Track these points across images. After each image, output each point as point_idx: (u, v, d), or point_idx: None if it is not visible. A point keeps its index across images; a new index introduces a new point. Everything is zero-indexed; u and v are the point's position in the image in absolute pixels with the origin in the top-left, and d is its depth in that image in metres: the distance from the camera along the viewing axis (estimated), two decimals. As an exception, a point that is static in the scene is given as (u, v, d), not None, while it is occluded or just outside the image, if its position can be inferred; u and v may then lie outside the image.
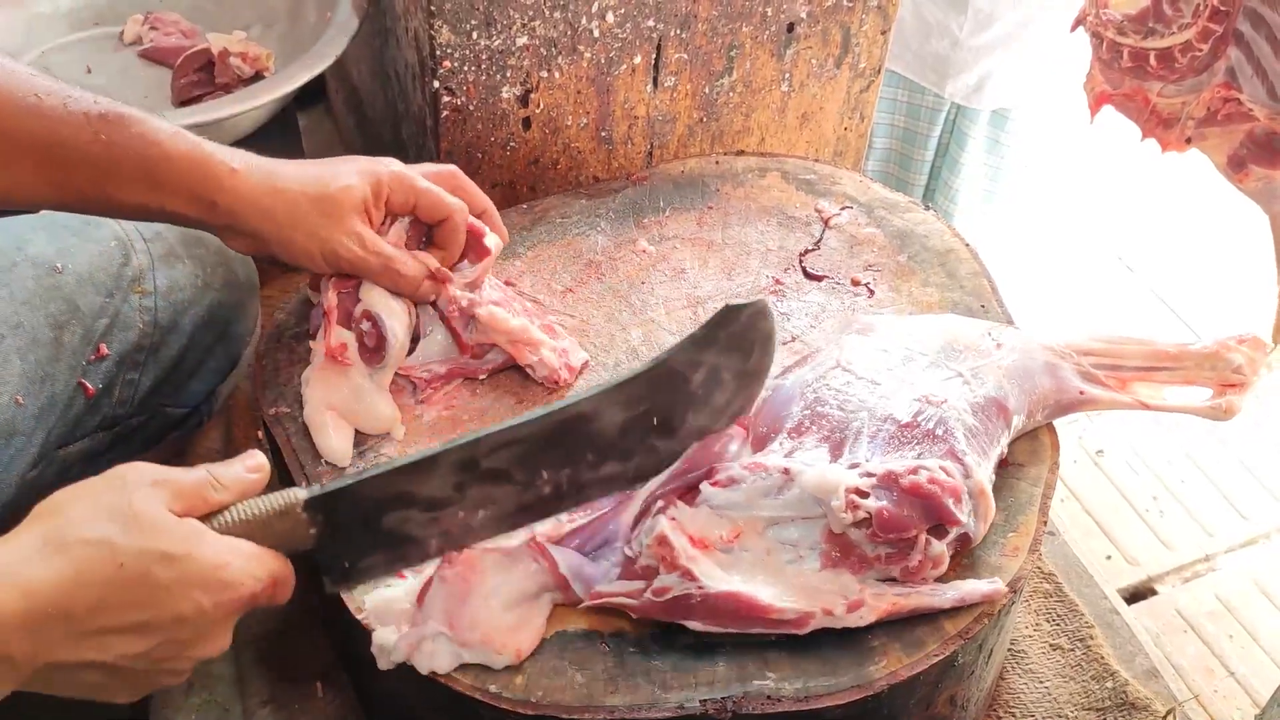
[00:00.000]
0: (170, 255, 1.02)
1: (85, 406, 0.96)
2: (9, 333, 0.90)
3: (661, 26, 1.16)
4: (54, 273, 0.94)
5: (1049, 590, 1.09)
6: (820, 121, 1.33)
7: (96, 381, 0.96)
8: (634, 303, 1.06)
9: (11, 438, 0.89)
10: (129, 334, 0.98)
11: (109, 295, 0.97)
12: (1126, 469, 1.87)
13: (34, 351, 0.91)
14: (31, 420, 0.91)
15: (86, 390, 0.95)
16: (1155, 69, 1.07)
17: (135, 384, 0.99)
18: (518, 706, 0.77)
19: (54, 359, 0.92)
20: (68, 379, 0.94)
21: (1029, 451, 0.93)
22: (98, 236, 0.99)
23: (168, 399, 1.04)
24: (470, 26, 1.09)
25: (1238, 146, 1.07)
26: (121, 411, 0.99)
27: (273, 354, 1.00)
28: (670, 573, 0.79)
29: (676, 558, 0.79)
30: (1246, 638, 1.64)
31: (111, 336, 0.96)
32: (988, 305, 1.06)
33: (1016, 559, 0.86)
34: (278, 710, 0.97)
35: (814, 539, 0.82)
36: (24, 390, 0.90)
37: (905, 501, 0.80)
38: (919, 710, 0.85)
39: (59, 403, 0.93)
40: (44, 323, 0.92)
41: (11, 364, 0.90)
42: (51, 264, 0.95)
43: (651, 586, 0.79)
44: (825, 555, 0.81)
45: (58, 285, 0.94)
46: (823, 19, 1.23)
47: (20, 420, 0.90)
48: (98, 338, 0.95)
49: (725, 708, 0.77)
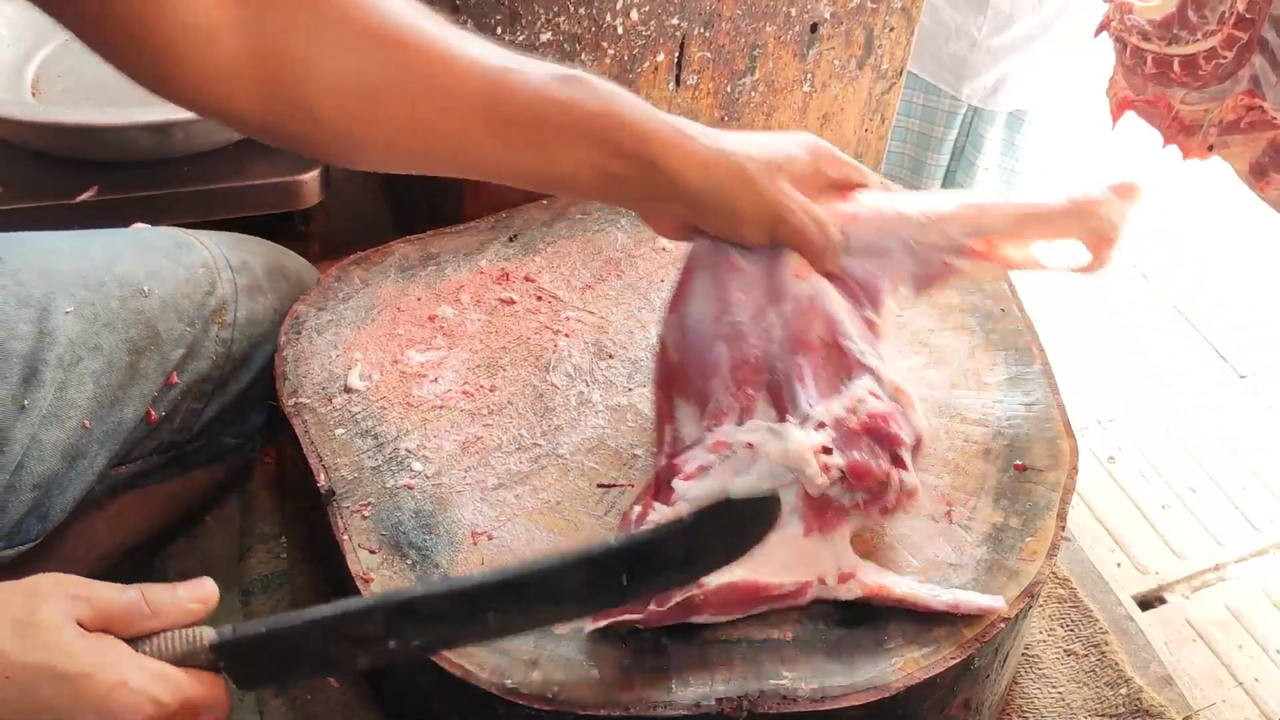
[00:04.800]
0: (253, 288, 1.01)
1: (145, 431, 0.94)
2: (87, 355, 0.89)
3: (685, 25, 1.16)
4: (140, 295, 0.93)
5: (1064, 596, 1.09)
6: (841, 122, 1.33)
7: (161, 409, 0.94)
8: (653, 300, 1.06)
9: (76, 461, 0.88)
10: (201, 365, 0.96)
11: (190, 324, 0.95)
12: (1138, 476, 1.87)
13: (109, 376, 0.90)
14: (96, 444, 0.90)
15: (149, 417, 0.94)
16: (1179, 76, 1.06)
17: (199, 413, 0.98)
18: (534, 702, 0.77)
19: (127, 384, 0.91)
20: (138, 406, 0.92)
21: (1048, 456, 0.93)
22: (187, 262, 0.97)
23: (227, 429, 1.03)
24: (495, 22, 1.09)
25: (1260, 155, 1.07)
26: (180, 438, 0.98)
27: (292, 345, 1.00)
28: None
29: None
30: (1256, 648, 1.63)
31: (184, 366, 0.95)
32: (1007, 308, 1.06)
33: (1034, 563, 0.86)
34: (291, 701, 0.97)
35: (791, 503, 0.81)
36: (93, 415, 0.89)
37: (862, 443, 0.80)
38: (934, 713, 0.85)
39: (125, 428, 0.92)
40: (122, 347, 0.91)
41: (85, 387, 0.89)
42: (139, 286, 0.93)
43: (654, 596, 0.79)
44: (805, 518, 0.81)
45: (141, 309, 0.93)
46: (846, 20, 1.23)
47: (86, 444, 0.89)
48: (172, 367, 0.94)
49: (741, 706, 0.77)
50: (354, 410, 0.95)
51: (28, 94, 1.39)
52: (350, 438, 0.93)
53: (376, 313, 1.04)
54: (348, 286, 1.06)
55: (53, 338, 0.87)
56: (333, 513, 0.88)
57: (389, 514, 0.88)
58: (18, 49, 1.43)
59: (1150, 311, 2.20)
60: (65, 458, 0.87)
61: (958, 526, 0.89)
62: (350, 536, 0.87)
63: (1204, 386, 2.04)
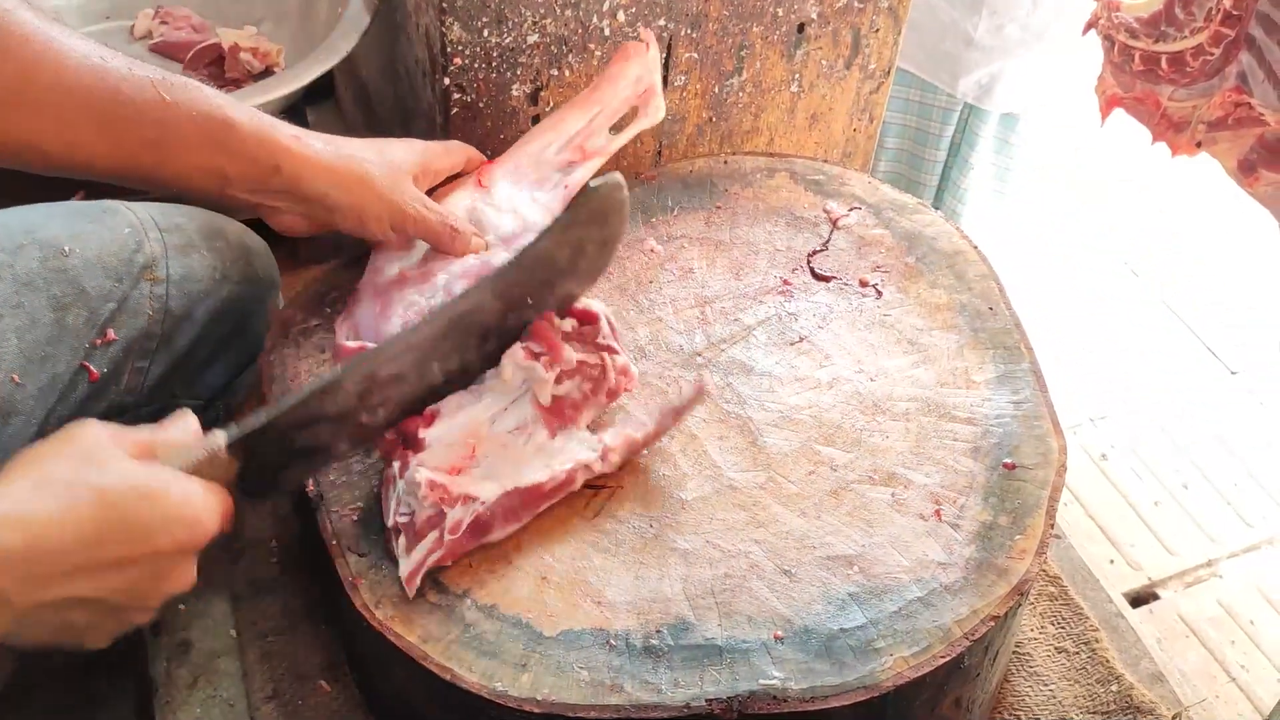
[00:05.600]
0: (187, 246, 1.02)
1: (89, 390, 0.95)
2: (8, 312, 0.91)
3: (672, 26, 1.16)
4: (60, 255, 0.94)
5: (1054, 593, 1.09)
6: (829, 122, 1.33)
7: (102, 366, 0.95)
8: (641, 301, 1.06)
9: (10, 416, 0.90)
10: (138, 320, 0.97)
11: (118, 280, 0.97)
12: (1130, 473, 1.87)
13: (32, 332, 0.91)
14: (31, 400, 0.91)
15: (90, 374, 0.95)
16: (1166, 73, 1.06)
17: (145, 371, 0.99)
18: (523, 704, 0.77)
19: (55, 340, 0.92)
20: (69, 360, 0.93)
21: (1037, 454, 0.93)
22: (112, 224, 0.99)
23: (180, 389, 1.03)
24: (481, 24, 1.09)
25: (1248, 151, 1.07)
26: (130, 399, 0.99)
27: (279, 348, 1.00)
28: (452, 506, 0.83)
29: (450, 489, 0.84)
30: (1248, 643, 1.64)
31: (119, 322, 0.96)
32: (995, 307, 1.06)
33: (1024, 561, 0.86)
34: (282, 706, 0.97)
35: (529, 413, 0.90)
36: (21, 369, 0.90)
37: (550, 328, 0.91)
38: (925, 712, 0.85)
39: (59, 384, 0.93)
40: (45, 304, 0.92)
41: (9, 343, 0.90)
42: (60, 247, 0.95)
43: (445, 528, 0.83)
44: (547, 421, 0.90)
45: (63, 268, 0.94)
46: (833, 20, 1.23)
47: (19, 399, 0.90)
48: (103, 322, 0.95)
49: (731, 707, 0.77)
50: (342, 414, 0.95)
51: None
52: (339, 441, 0.93)
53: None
54: (335, 291, 1.05)
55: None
56: (321, 516, 0.88)
57: (377, 517, 0.88)
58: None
59: (1142, 309, 2.20)
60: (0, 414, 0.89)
61: (947, 525, 0.89)
62: (339, 540, 0.87)
63: (1196, 383, 2.04)
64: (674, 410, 0.92)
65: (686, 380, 0.98)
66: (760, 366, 1.01)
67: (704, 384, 0.92)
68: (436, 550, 0.83)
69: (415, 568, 0.83)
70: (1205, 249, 2.32)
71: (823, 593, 0.84)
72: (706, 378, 0.96)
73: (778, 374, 1.00)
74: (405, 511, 0.85)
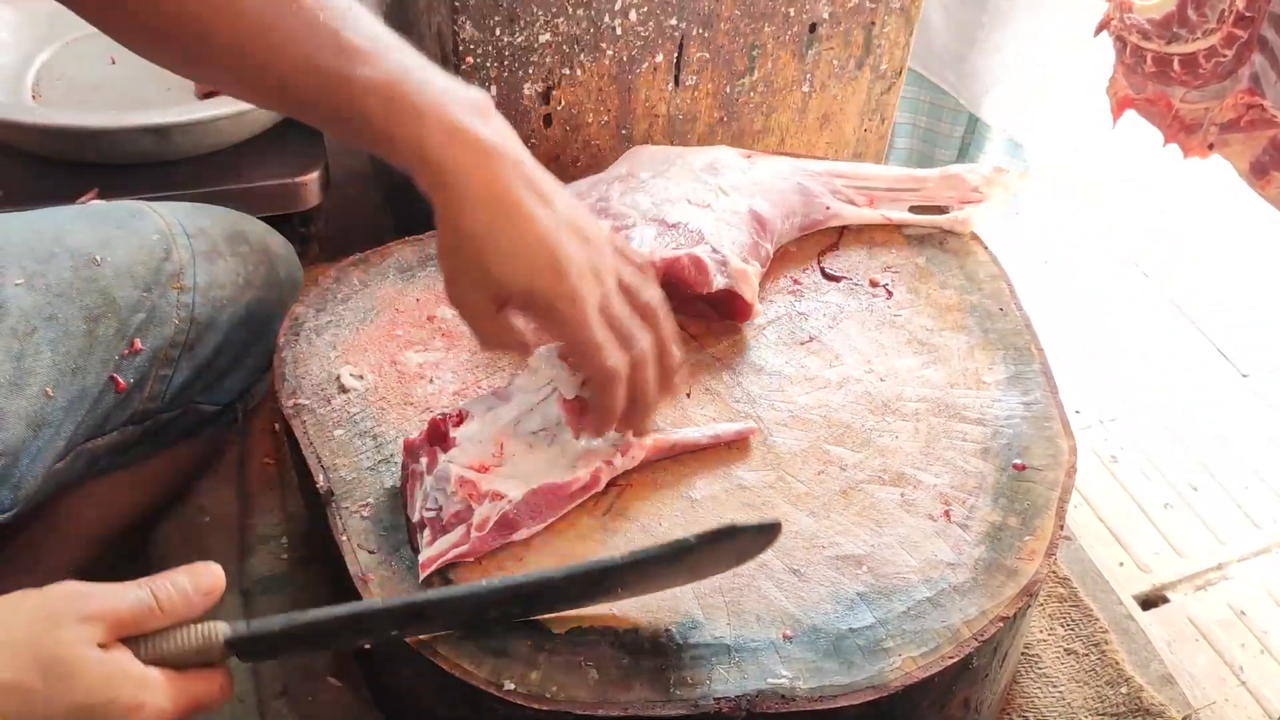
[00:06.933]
0: (213, 252, 1.01)
1: (115, 401, 0.95)
2: (42, 325, 0.90)
3: (684, 25, 1.16)
4: (92, 264, 0.94)
5: (1064, 595, 1.09)
6: (841, 122, 1.33)
7: (128, 376, 0.95)
8: (652, 301, 1.06)
9: (41, 429, 0.89)
10: (164, 329, 0.97)
11: (147, 290, 0.96)
12: (1140, 475, 1.86)
13: (66, 344, 0.91)
14: (60, 412, 0.91)
15: (117, 384, 0.94)
16: (1179, 74, 1.06)
17: (168, 380, 0.99)
18: (532, 702, 0.77)
19: (86, 352, 0.92)
20: (99, 372, 0.93)
21: (1047, 455, 0.93)
22: (140, 230, 0.98)
23: (201, 395, 1.03)
24: (494, 23, 1.09)
25: (1260, 153, 1.07)
26: (152, 406, 0.99)
27: (291, 346, 1.00)
28: (480, 503, 0.83)
29: (479, 485, 0.84)
30: (1258, 646, 1.63)
31: (146, 332, 0.96)
32: (1006, 308, 1.06)
33: (1033, 562, 0.86)
34: (291, 701, 0.97)
35: (554, 415, 0.89)
36: (54, 382, 0.90)
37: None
38: (933, 712, 0.85)
39: (89, 396, 0.93)
40: (78, 315, 0.92)
41: (43, 356, 0.90)
42: (91, 256, 0.94)
43: (471, 524, 0.83)
44: (571, 423, 0.88)
45: (95, 278, 0.94)
46: (845, 20, 1.23)
47: (50, 412, 0.90)
48: (132, 332, 0.95)
49: (739, 706, 0.77)
50: (353, 411, 0.95)
51: (28, 97, 1.40)
52: (349, 438, 0.93)
53: (375, 314, 1.04)
54: (346, 288, 1.06)
55: (4, 309, 0.89)
56: (332, 513, 0.88)
57: (388, 514, 0.88)
58: (18, 53, 1.44)
59: (1151, 310, 2.19)
60: (30, 426, 0.88)
61: (956, 526, 0.89)
62: (349, 537, 0.87)
63: (1205, 385, 2.03)
64: (716, 436, 0.93)
65: (743, 414, 0.97)
66: (770, 366, 1.01)
67: (755, 430, 0.94)
68: (462, 545, 0.83)
69: (436, 554, 0.83)
70: (1205, 249, 2.31)
71: (831, 592, 0.84)
72: (759, 423, 0.96)
73: (787, 373, 1.00)
74: (432, 506, 0.85)
